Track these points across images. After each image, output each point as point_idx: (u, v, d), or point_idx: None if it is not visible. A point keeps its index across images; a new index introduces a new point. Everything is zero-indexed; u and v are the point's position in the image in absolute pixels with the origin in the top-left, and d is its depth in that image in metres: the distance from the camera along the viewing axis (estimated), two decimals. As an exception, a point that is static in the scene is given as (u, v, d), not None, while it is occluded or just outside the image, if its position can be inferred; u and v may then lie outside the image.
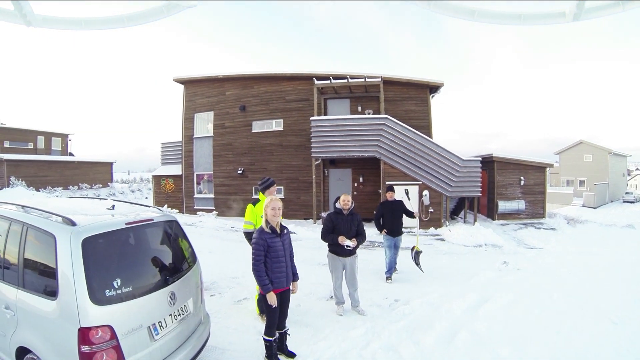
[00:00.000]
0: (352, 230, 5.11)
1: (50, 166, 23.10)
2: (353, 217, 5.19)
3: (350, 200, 5.20)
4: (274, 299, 3.61)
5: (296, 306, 5.41)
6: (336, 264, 5.18)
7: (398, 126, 12.86)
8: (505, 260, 8.91)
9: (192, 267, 3.61)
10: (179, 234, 3.66)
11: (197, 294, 3.59)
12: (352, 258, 5.18)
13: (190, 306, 3.40)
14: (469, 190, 13.08)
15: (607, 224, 17.05)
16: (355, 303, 5.29)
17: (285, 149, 15.65)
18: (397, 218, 7.01)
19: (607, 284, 6.74)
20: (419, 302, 5.64)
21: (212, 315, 4.95)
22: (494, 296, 5.85)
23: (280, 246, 3.74)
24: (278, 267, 3.71)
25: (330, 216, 5.19)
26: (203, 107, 17.27)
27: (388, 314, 5.27)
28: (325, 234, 5.16)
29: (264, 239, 3.64)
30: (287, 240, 3.91)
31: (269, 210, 3.70)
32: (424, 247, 10.46)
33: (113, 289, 2.64)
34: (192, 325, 3.41)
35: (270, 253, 3.67)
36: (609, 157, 37.63)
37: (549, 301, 5.73)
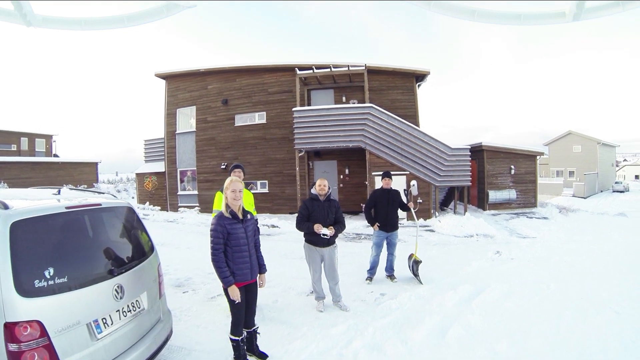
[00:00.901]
0: (329, 218, 4.58)
1: (33, 167, 22.25)
2: (330, 204, 4.65)
3: (326, 185, 4.65)
4: (237, 293, 3.17)
5: (273, 302, 5.04)
6: (313, 255, 4.65)
7: (383, 115, 12.13)
8: (498, 250, 8.51)
9: (147, 259, 3.21)
10: (133, 221, 3.28)
11: (153, 288, 3.19)
12: (330, 248, 4.67)
13: (144, 302, 3.02)
14: (458, 180, 12.39)
15: (599, 213, 16.61)
16: (336, 298, 4.80)
17: (269, 142, 14.91)
18: (393, 210, 5.96)
19: (605, 273, 6.36)
20: (407, 296, 5.15)
21: (183, 312, 4.71)
22: (488, 287, 5.40)
23: (243, 233, 3.28)
24: (240, 257, 3.26)
25: (306, 203, 4.64)
26: (185, 102, 16.47)
27: (373, 309, 4.78)
28: (300, 223, 4.62)
29: (222, 225, 3.18)
30: (251, 227, 3.43)
31: (229, 193, 3.26)
32: (413, 238, 9.89)
33: (44, 279, 2.27)
34: (148, 323, 3.02)
35: (231, 241, 3.22)
36: (598, 148, 37.19)
37: (547, 291, 5.32)
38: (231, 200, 3.27)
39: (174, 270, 6.87)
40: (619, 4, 2.97)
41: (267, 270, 3.61)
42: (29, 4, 3.21)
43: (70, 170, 24.30)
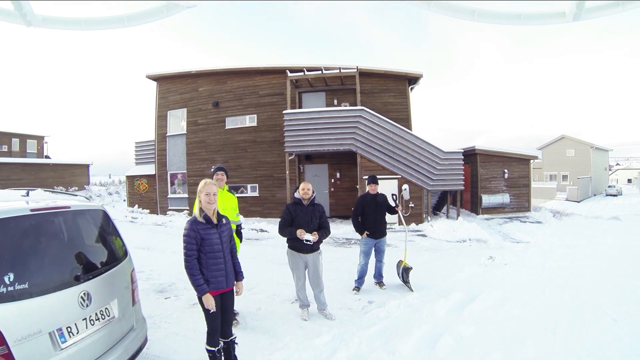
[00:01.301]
0: (313, 223, 4.40)
1: (24, 168, 21.80)
2: (314, 208, 4.47)
3: (310, 189, 4.47)
4: (211, 302, 3.01)
5: (256, 309, 4.84)
6: (297, 262, 4.47)
7: (375, 118, 11.83)
8: (491, 255, 8.29)
9: (118, 265, 3.06)
10: (105, 226, 3.15)
11: (125, 296, 3.04)
12: (314, 255, 4.49)
13: (115, 309, 2.88)
14: (451, 184, 12.09)
15: (593, 217, 16.43)
16: (321, 306, 4.61)
17: (260, 145, 14.56)
18: (381, 216, 5.71)
19: (601, 277, 6.24)
20: (395, 304, 4.93)
21: (163, 319, 4.54)
22: (480, 294, 5.23)
23: (217, 239, 3.12)
24: (215, 263, 3.10)
25: (289, 207, 4.46)
26: (176, 104, 16.11)
27: (360, 318, 4.57)
28: (282, 228, 4.43)
29: (196, 230, 3.04)
30: (226, 233, 3.25)
31: (203, 196, 3.12)
32: (404, 244, 9.60)
33: (3, 285, 2.16)
34: (119, 332, 2.88)
35: (205, 247, 3.06)
36: (591, 152, 37.15)
37: (541, 298, 5.17)
38: (205, 204, 3.12)
39: (158, 275, 6.62)
40: (619, 4, 2.92)
41: (244, 278, 3.43)
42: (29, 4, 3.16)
43: (62, 172, 23.86)
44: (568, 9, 3.05)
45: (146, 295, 5.49)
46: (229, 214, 4.39)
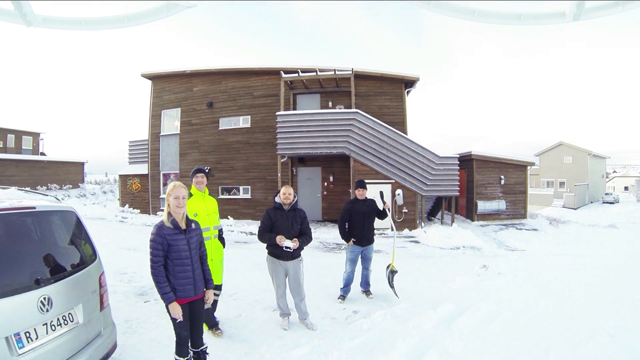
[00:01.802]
0: (294, 229, 4.21)
1: (17, 165, 21.38)
2: (295, 214, 4.28)
3: (292, 194, 4.30)
4: (178, 310, 2.87)
5: (236, 316, 4.61)
6: (277, 269, 4.28)
7: (369, 121, 11.50)
8: (484, 263, 7.95)
9: (85, 268, 2.92)
10: (74, 228, 3.03)
11: (92, 300, 2.91)
12: (295, 262, 4.29)
13: (80, 315, 2.76)
14: (446, 190, 11.75)
15: (590, 224, 16.10)
16: (302, 315, 4.38)
17: (253, 147, 14.23)
18: (369, 222, 5.38)
19: (598, 289, 6.03)
20: (381, 315, 4.68)
21: (140, 324, 4.35)
22: (471, 306, 4.99)
23: (185, 245, 2.96)
24: (182, 271, 2.95)
25: (269, 212, 4.28)
26: (170, 103, 15.78)
27: (342, 329, 4.34)
28: (261, 234, 4.25)
29: (162, 235, 2.89)
30: (195, 239, 3.08)
31: (172, 200, 2.95)
32: (396, 250, 9.28)
33: None
34: (84, 338, 2.76)
35: (172, 254, 2.91)
36: (588, 159, 36.88)
37: (535, 311, 4.94)
38: (174, 208, 2.95)
39: (140, 277, 6.33)
40: (619, 4, 2.89)
41: (214, 286, 3.31)
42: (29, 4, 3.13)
43: (56, 169, 23.47)
44: (568, 9, 3.01)
45: (126, 298, 5.30)
46: (212, 218, 4.20)
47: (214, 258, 4.11)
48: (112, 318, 3.22)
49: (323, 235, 10.67)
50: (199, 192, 4.18)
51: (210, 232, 4.13)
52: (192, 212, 3.95)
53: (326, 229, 11.72)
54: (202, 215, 4.05)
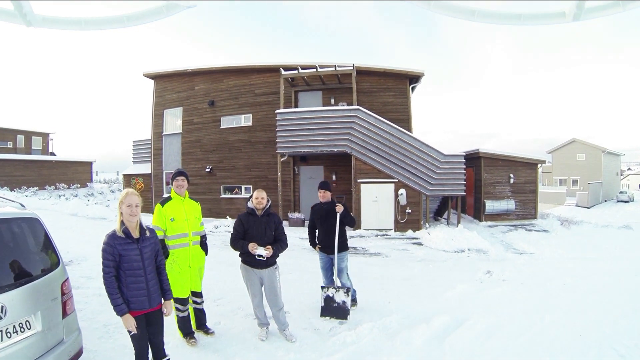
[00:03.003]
0: (267, 235, 3.94)
1: (26, 165, 21.49)
2: (269, 219, 4.00)
3: (265, 198, 4.02)
4: (131, 323, 2.78)
5: (215, 324, 4.36)
6: (251, 278, 3.99)
7: (371, 118, 11.02)
8: (489, 269, 7.38)
9: (45, 275, 2.85)
10: (36, 235, 2.96)
11: (52, 308, 2.83)
12: (270, 270, 3.99)
13: (38, 323, 2.70)
14: (451, 189, 11.20)
15: (603, 225, 15.28)
16: (281, 326, 4.09)
17: (254, 146, 13.88)
18: (330, 227, 4.78)
19: (609, 300, 5.47)
20: (369, 327, 4.29)
21: (117, 329, 4.12)
22: (468, 319, 4.56)
23: (137, 255, 2.83)
24: (134, 282, 2.83)
25: (241, 218, 3.98)
26: (173, 102, 15.55)
27: (324, 342, 4.01)
28: (234, 241, 3.95)
29: (113, 245, 2.77)
30: (149, 248, 2.93)
31: (125, 208, 2.82)
32: (397, 253, 8.84)
33: None
34: (42, 346, 2.71)
35: (123, 264, 2.80)
36: (602, 156, 35.61)
37: (539, 325, 4.45)
38: (127, 216, 2.81)
39: None
40: (619, 4, 2.84)
41: (172, 297, 3.17)
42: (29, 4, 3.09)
43: (64, 169, 23.58)
44: (568, 9, 2.96)
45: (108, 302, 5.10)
46: (192, 223, 3.95)
47: (192, 265, 3.92)
48: (79, 324, 3.16)
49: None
50: (178, 196, 3.92)
51: (189, 238, 3.90)
52: (169, 217, 3.78)
53: (327, 230, 11.30)
54: (179, 220, 3.84)
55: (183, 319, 3.90)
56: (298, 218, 11.84)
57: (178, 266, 3.81)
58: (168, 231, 3.78)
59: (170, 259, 3.78)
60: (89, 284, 5.79)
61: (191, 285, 3.94)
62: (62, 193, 20.20)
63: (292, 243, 9.48)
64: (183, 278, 3.84)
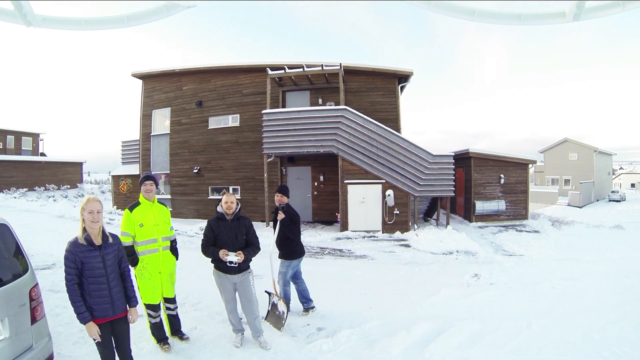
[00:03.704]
0: (238, 240, 3.80)
1: (16, 166, 21.01)
2: (240, 223, 3.86)
3: (234, 202, 3.87)
4: (94, 331, 2.75)
5: (191, 329, 4.27)
6: (224, 284, 3.85)
7: (358, 118, 10.68)
8: (476, 272, 7.13)
9: (12, 282, 2.83)
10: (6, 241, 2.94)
11: (20, 314, 2.81)
12: (243, 276, 3.85)
13: (5, 329, 2.68)
14: (440, 190, 10.88)
15: (595, 225, 14.99)
16: (256, 333, 3.96)
17: (242, 146, 13.52)
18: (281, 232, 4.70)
19: (600, 303, 5.31)
20: (347, 334, 4.14)
21: None
22: (452, 326, 4.34)
23: (99, 263, 2.78)
24: (97, 289, 2.78)
25: (210, 223, 3.84)
26: (161, 103, 15.16)
27: (299, 350, 3.89)
28: (204, 247, 3.82)
29: (74, 252, 2.72)
30: (112, 255, 2.88)
31: (86, 215, 2.78)
32: (384, 255, 8.53)
33: None
34: (9, 352, 2.70)
35: (85, 272, 2.75)
36: (594, 155, 35.47)
37: (526, 332, 4.25)
38: (89, 223, 2.77)
39: None
40: (619, 4, 2.80)
41: (137, 303, 3.09)
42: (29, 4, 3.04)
43: (54, 170, 23.10)
44: (568, 9, 2.92)
45: None
46: (162, 229, 3.89)
47: (163, 271, 3.84)
48: (49, 330, 3.13)
49: (308, 239, 9.89)
50: (147, 201, 3.84)
51: (158, 243, 3.82)
52: (138, 222, 3.70)
53: (314, 232, 10.95)
54: (148, 225, 3.76)
55: (155, 325, 3.84)
56: (285, 220, 11.47)
57: (148, 272, 3.74)
58: (137, 237, 3.70)
59: (140, 265, 3.72)
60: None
61: (163, 291, 3.87)
62: (51, 194, 19.75)
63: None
64: (154, 284, 3.77)
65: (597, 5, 2.90)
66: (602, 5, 2.90)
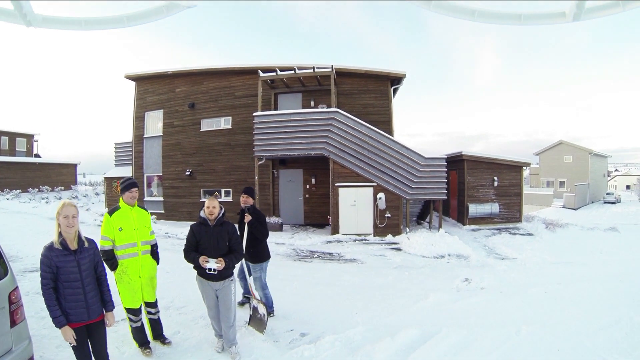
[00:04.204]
0: (220, 246, 3.70)
1: (9, 167, 20.75)
2: (222, 229, 3.75)
3: (217, 207, 3.77)
4: (69, 334, 2.74)
5: (174, 333, 4.20)
6: (206, 290, 3.77)
7: (349, 121, 10.50)
8: (467, 276, 6.98)
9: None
10: None
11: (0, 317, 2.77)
12: (224, 283, 3.74)
13: None
14: (432, 193, 10.69)
15: (589, 227, 14.83)
16: (228, 343, 3.84)
17: (234, 149, 13.32)
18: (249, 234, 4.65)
19: (591, 309, 5.13)
20: (331, 340, 4.04)
21: None
22: (439, 332, 4.24)
23: (74, 267, 2.78)
24: (72, 294, 2.78)
25: (193, 229, 3.77)
26: (154, 105, 14.96)
27: (280, 356, 3.79)
28: (187, 253, 3.75)
29: (50, 257, 2.72)
30: (88, 259, 2.88)
31: (62, 219, 2.77)
32: (374, 259, 8.34)
33: None
34: None
35: (61, 276, 2.74)
36: (589, 158, 35.39)
37: (515, 339, 4.10)
38: (64, 227, 2.77)
39: None
40: (619, 4, 2.82)
41: (114, 308, 3.08)
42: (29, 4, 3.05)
43: (48, 171, 22.86)
44: (568, 9, 2.95)
45: None
46: (142, 232, 3.86)
47: (142, 275, 3.81)
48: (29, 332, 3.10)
49: (299, 242, 9.70)
50: (127, 205, 3.82)
51: (138, 247, 3.80)
52: (117, 226, 3.67)
53: (305, 235, 10.75)
54: (128, 229, 3.74)
55: (137, 329, 3.82)
56: (276, 222, 11.29)
57: (127, 276, 3.72)
58: (116, 241, 3.67)
59: (119, 269, 3.69)
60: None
61: (143, 295, 3.84)
62: (45, 196, 19.50)
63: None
64: (133, 288, 3.75)
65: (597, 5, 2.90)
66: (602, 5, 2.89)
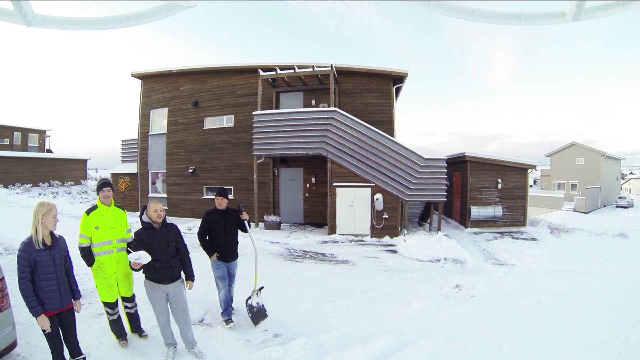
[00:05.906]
0: (170, 248, 3.69)
1: (21, 162, 21.18)
2: (168, 230, 3.77)
3: (161, 210, 3.73)
4: (46, 322, 2.98)
5: (153, 327, 4.16)
6: (156, 295, 3.68)
7: (348, 120, 10.30)
8: (459, 282, 6.71)
9: None
10: None
11: None
12: (176, 286, 3.73)
13: None
14: (431, 195, 10.41)
15: (597, 233, 14.26)
16: (189, 345, 3.82)
17: (236, 147, 13.27)
18: (231, 235, 4.68)
19: (586, 323, 4.78)
20: (301, 343, 3.99)
21: None
22: (414, 342, 4.01)
23: (50, 261, 3.03)
24: (48, 285, 3.01)
25: (139, 234, 3.66)
26: (159, 103, 15.02)
27: (247, 356, 3.74)
28: None
29: (28, 252, 2.93)
30: (59, 254, 3.15)
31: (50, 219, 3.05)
32: (366, 261, 8.15)
33: None
34: None
35: (38, 269, 2.97)
36: (602, 160, 34.28)
37: (495, 354, 3.83)
38: (52, 226, 3.08)
39: (89, 279, 5.62)
40: (619, 4, 2.83)
41: (81, 296, 3.38)
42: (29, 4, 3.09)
43: (59, 166, 23.24)
44: (568, 9, 2.97)
45: None
46: (118, 231, 3.96)
47: (117, 271, 3.92)
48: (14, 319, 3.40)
49: (294, 242, 9.57)
50: (103, 205, 3.92)
51: (113, 245, 3.89)
52: (94, 225, 3.78)
53: (302, 234, 10.62)
54: (104, 228, 3.85)
55: (114, 322, 3.99)
56: (274, 221, 11.19)
57: (103, 272, 3.84)
58: (93, 239, 3.79)
59: (95, 265, 3.81)
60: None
61: (120, 290, 3.97)
62: (55, 190, 19.83)
63: (262, 247, 8.90)
64: (109, 283, 3.88)
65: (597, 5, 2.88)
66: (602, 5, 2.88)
